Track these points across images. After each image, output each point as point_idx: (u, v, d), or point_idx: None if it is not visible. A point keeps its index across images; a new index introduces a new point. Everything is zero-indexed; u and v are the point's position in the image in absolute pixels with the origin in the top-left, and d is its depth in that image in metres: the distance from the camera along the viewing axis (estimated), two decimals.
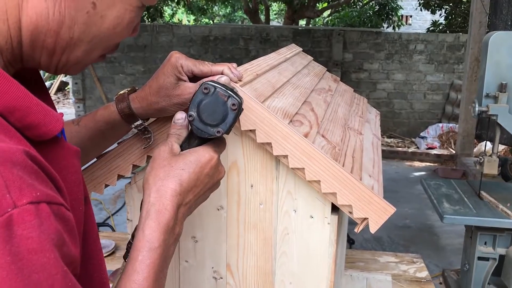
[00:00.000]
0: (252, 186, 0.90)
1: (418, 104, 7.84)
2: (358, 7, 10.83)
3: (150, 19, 9.56)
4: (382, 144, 7.00)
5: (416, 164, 6.46)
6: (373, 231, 0.83)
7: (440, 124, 7.39)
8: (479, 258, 2.25)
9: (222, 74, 0.82)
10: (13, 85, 0.50)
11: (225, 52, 7.80)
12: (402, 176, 5.83)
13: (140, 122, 0.88)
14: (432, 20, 10.09)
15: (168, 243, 0.63)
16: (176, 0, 9.41)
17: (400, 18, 10.93)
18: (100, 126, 0.88)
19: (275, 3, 12.92)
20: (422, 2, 9.53)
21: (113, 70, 7.91)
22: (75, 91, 8.05)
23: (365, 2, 10.90)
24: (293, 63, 1.32)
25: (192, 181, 0.66)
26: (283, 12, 14.84)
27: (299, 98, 1.05)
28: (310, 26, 11.38)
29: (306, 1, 9.54)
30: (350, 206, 0.83)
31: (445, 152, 6.64)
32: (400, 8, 10.45)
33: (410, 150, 6.87)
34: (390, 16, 10.00)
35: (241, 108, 0.71)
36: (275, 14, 16.72)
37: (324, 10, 11.08)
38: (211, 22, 15.24)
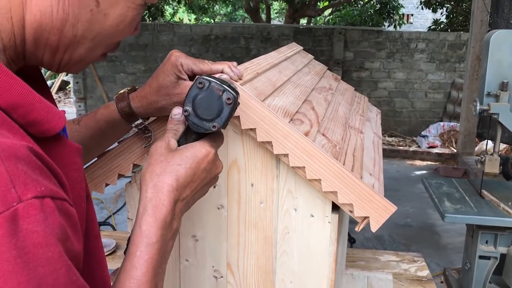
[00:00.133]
0: (252, 185, 0.90)
1: (419, 103, 7.83)
2: (359, 5, 10.82)
3: (151, 18, 9.56)
4: (383, 143, 7.00)
5: (417, 163, 6.46)
6: (374, 230, 0.83)
7: (441, 123, 7.38)
8: (480, 257, 2.24)
9: (222, 72, 0.82)
10: (16, 82, 0.50)
11: (226, 51, 7.79)
12: (403, 175, 5.83)
13: (141, 121, 0.88)
14: (434, 19, 10.08)
15: (165, 238, 0.63)
16: None
17: (401, 16, 10.93)
18: (101, 125, 0.88)
19: (276, 2, 12.91)
20: (423, 0, 9.52)
21: (114, 69, 7.91)
22: (76, 90, 8.05)
23: (366, 0, 10.89)
24: (293, 62, 1.31)
25: (189, 176, 0.66)
26: (284, 11, 14.83)
27: (299, 96, 1.05)
28: (311, 25, 11.37)
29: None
30: (351, 204, 0.83)
31: (446, 151, 6.64)
32: (401, 6, 10.45)
33: (411, 149, 6.87)
34: (391, 15, 10.00)
35: (236, 102, 0.70)
36: (276, 13, 16.71)
37: (325, 8, 11.07)
38: (212, 21, 15.24)
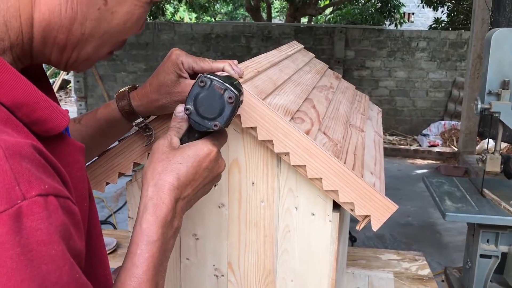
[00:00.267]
0: (253, 184, 0.90)
1: (420, 102, 7.82)
2: (360, 4, 10.81)
3: (151, 17, 9.57)
4: (384, 142, 6.99)
5: (418, 161, 6.46)
6: (375, 229, 0.82)
7: (443, 122, 7.38)
8: (482, 256, 2.24)
9: (223, 71, 0.82)
10: (21, 80, 0.51)
11: (226, 49, 7.79)
12: (404, 174, 5.83)
13: (141, 119, 0.87)
14: (435, 17, 10.07)
15: (166, 236, 0.63)
16: None
17: (402, 15, 10.92)
18: (101, 124, 0.88)
19: (277, 1, 12.90)
20: None
21: (115, 68, 7.91)
22: (77, 89, 8.06)
23: None
24: (294, 60, 1.31)
25: (190, 175, 0.66)
26: (285, 9, 14.82)
27: (300, 95, 1.05)
28: (312, 23, 11.36)
29: None
30: (352, 203, 0.82)
31: (447, 149, 6.63)
32: (402, 5, 10.44)
33: (412, 148, 6.86)
34: (392, 14, 9.99)
35: (238, 101, 0.70)
36: (277, 12, 16.70)
37: (326, 7, 11.07)
38: (213, 20, 15.23)
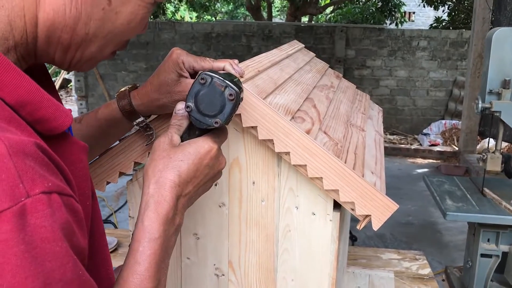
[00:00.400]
0: (254, 183, 0.90)
1: (421, 101, 7.82)
2: (360, 3, 10.80)
3: (152, 16, 9.57)
4: (385, 141, 7.00)
5: (419, 161, 6.45)
6: (375, 228, 0.82)
7: (443, 121, 7.37)
8: (482, 255, 2.24)
9: (224, 70, 0.82)
10: (25, 79, 0.51)
11: (227, 49, 7.79)
12: (405, 173, 5.82)
13: (142, 119, 0.87)
14: (435, 17, 10.06)
15: (168, 233, 0.63)
16: None
17: (403, 14, 10.91)
18: (102, 124, 0.88)
19: (277, 0, 12.89)
20: None
21: (115, 67, 7.91)
22: (77, 89, 8.06)
23: None
24: (295, 60, 1.31)
25: (191, 172, 0.66)
26: (285, 8, 14.81)
27: (301, 94, 1.05)
28: (313, 22, 11.36)
29: None
30: (353, 203, 0.82)
31: (448, 149, 6.63)
32: (403, 4, 10.43)
33: (412, 147, 6.86)
34: (393, 13, 9.98)
35: (239, 98, 0.70)
36: (277, 11, 16.69)
37: (326, 6, 11.06)
38: (213, 19, 15.23)
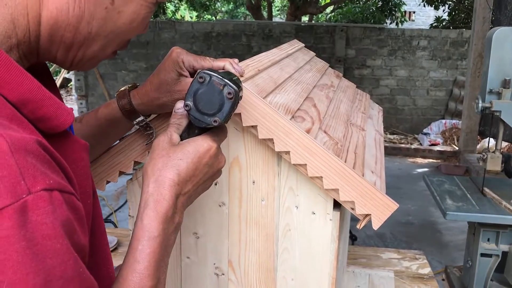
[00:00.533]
0: (254, 182, 0.90)
1: (421, 101, 7.82)
2: (361, 3, 10.80)
3: (152, 16, 9.56)
4: (385, 141, 6.99)
5: (419, 160, 6.45)
6: (375, 228, 0.82)
7: (443, 121, 7.37)
8: (482, 255, 2.24)
9: (224, 69, 0.82)
10: (27, 78, 0.51)
11: (227, 48, 7.79)
12: (405, 172, 5.82)
13: (142, 118, 0.87)
14: (436, 16, 10.06)
15: (167, 232, 0.63)
16: None
17: (403, 14, 10.90)
18: (102, 123, 0.88)
19: None
20: None
21: (115, 66, 7.91)
22: (77, 88, 8.06)
23: None
24: (295, 59, 1.31)
25: (190, 170, 0.66)
26: (285, 8, 14.80)
27: (301, 94, 1.05)
28: (313, 22, 11.35)
29: None
30: (353, 202, 0.82)
31: (448, 148, 6.63)
32: (403, 4, 10.42)
33: (413, 147, 6.86)
34: (393, 12, 9.97)
35: (238, 97, 0.70)
36: (277, 10, 16.68)
37: (326, 6, 11.06)
38: (214, 19, 15.22)
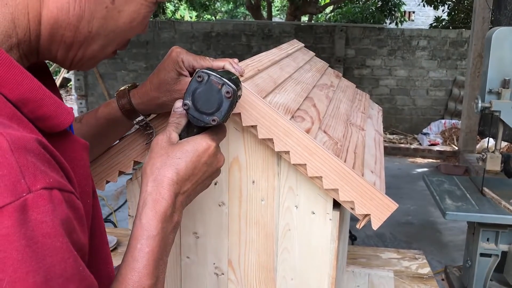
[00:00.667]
0: (253, 182, 0.90)
1: (420, 101, 7.82)
2: (360, 3, 10.80)
3: (152, 16, 9.55)
4: (385, 141, 6.99)
5: (419, 160, 6.46)
6: (375, 228, 0.82)
7: (443, 121, 7.37)
8: (482, 255, 2.24)
9: (223, 69, 0.82)
10: (27, 77, 0.51)
11: (227, 48, 7.79)
12: (405, 172, 5.83)
13: (142, 118, 0.87)
14: (435, 16, 10.06)
15: (166, 231, 0.63)
16: None
17: (403, 14, 10.90)
18: (102, 123, 0.88)
19: None
20: None
21: (115, 66, 7.91)
22: (77, 88, 8.05)
23: None
24: (295, 59, 1.31)
25: (189, 169, 0.66)
26: (285, 8, 14.80)
27: (300, 93, 1.05)
28: (312, 22, 11.35)
29: None
30: (352, 202, 0.82)
31: (447, 148, 6.63)
32: (403, 4, 10.42)
33: (412, 147, 6.86)
34: (393, 12, 9.97)
35: (236, 95, 0.70)
36: (277, 10, 16.68)
37: (326, 6, 11.06)
38: (213, 18, 15.21)
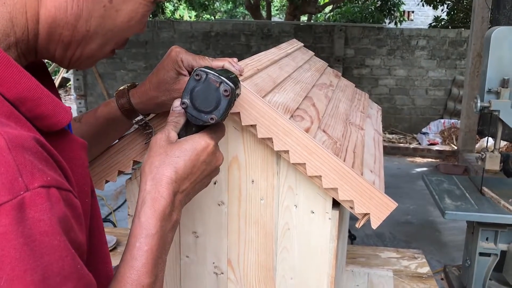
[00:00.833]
0: (253, 182, 0.90)
1: (420, 100, 7.82)
2: (359, 2, 10.80)
3: (151, 15, 9.55)
4: (384, 140, 7.00)
5: (418, 160, 6.46)
6: (374, 227, 0.82)
7: (442, 120, 7.38)
8: (481, 254, 2.24)
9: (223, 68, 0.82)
10: (25, 76, 0.51)
11: (226, 48, 7.78)
12: (404, 172, 5.83)
13: (141, 117, 0.87)
14: (434, 16, 10.06)
15: (165, 229, 0.63)
16: None
17: (402, 13, 10.90)
18: (101, 122, 0.88)
19: None
20: None
21: (114, 66, 7.90)
22: (76, 87, 8.05)
23: None
24: (294, 58, 1.31)
25: (188, 168, 0.66)
26: (284, 7, 14.80)
27: (300, 93, 1.05)
28: (312, 22, 11.35)
29: None
30: (352, 201, 0.82)
31: (447, 148, 6.64)
32: (402, 3, 10.42)
33: (411, 146, 6.86)
34: (392, 12, 9.97)
35: (234, 94, 0.69)
36: (276, 10, 16.68)
37: (325, 5, 11.06)
38: (213, 18, 15.21)
